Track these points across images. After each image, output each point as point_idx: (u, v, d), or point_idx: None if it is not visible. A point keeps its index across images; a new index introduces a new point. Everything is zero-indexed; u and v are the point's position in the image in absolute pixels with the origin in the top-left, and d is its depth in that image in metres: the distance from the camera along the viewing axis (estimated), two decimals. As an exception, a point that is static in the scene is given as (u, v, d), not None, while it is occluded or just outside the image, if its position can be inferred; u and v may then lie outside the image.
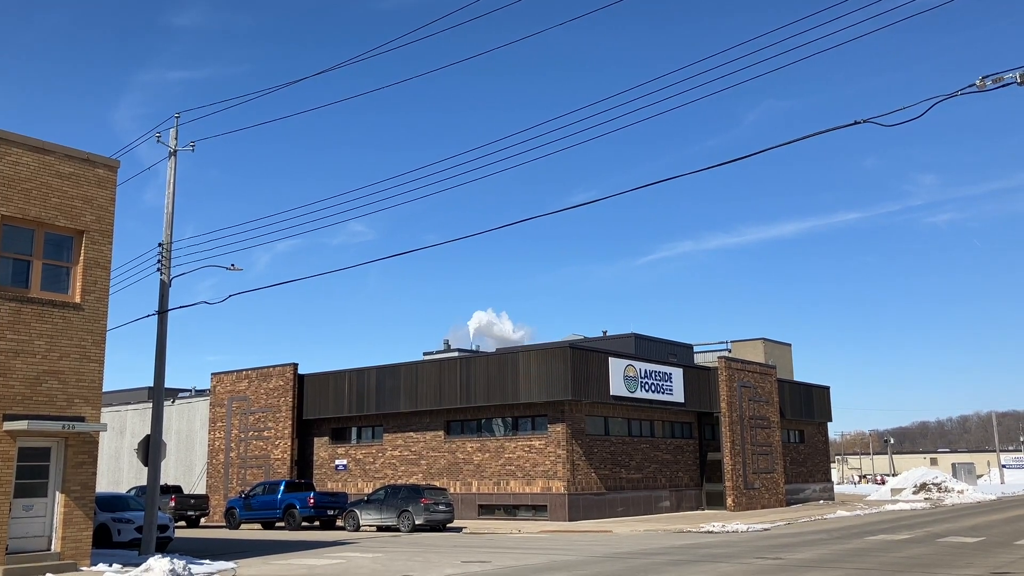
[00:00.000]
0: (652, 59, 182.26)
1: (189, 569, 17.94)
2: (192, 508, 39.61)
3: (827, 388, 58.35)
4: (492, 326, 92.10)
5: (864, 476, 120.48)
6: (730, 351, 59.79)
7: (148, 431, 24.19)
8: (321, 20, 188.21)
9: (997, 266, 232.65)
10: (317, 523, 36.26)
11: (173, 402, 49.87)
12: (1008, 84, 12.56)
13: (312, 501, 35.33)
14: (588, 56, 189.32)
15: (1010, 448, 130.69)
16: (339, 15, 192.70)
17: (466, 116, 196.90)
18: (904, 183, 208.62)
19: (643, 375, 39.91)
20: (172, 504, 37.80)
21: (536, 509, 36.40)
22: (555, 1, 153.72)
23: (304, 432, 44.92)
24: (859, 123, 14.18)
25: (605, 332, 50.36)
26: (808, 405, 55.42)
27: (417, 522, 31.75)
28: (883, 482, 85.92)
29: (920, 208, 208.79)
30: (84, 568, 18.34)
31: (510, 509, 37.27)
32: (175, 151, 24.69)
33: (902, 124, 13.37)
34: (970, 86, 12.84)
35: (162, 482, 32.46)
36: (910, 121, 13.47)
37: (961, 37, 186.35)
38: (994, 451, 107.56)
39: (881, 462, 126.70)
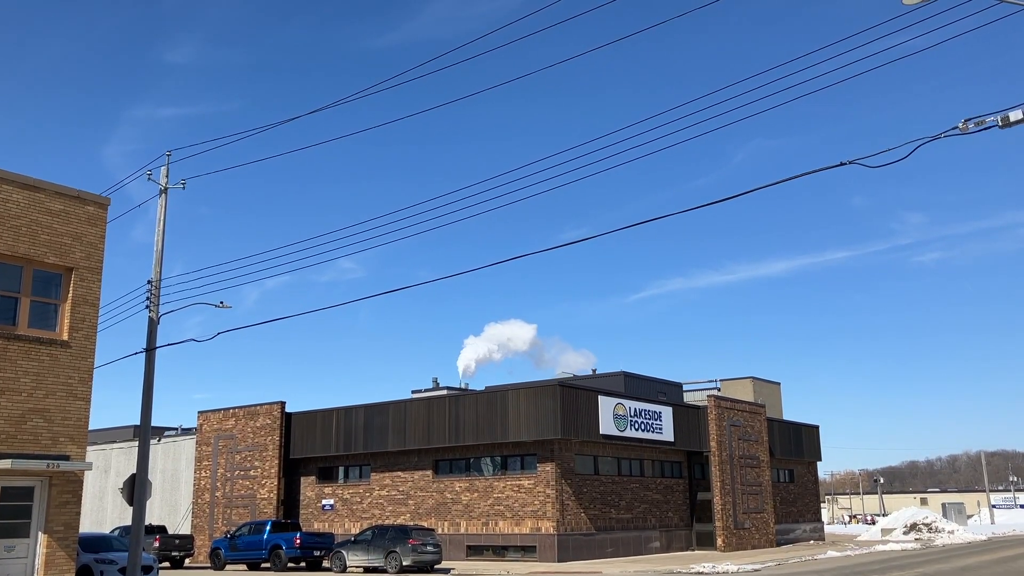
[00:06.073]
0: (642, 98, 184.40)
1: (173, 611, 17.68)
2: (177, 548, 39.02)
3: (816, 427, 58.31)
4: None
5: (854, 516, 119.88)
6: (719, 389, 59.73)
7: (133, 470, 23.95)
8: (313, 58, 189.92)
9: (985, 305, 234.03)
10: (303, 564, 35.79)
11: (159, 441, 49.38)
12: (990, 127, 12.73)
13: (299, 541, 34.90)
14: (576, 96, 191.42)
15: (1000, 488, 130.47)
16: (331, 53, 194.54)
17: (455, 153, 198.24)
18: (892, 222, 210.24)
19: (633, 414, 39.80)
20: (156, 544, 37.25)
21: (525, 550, 36.03)
22: (543, 39, 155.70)
23: (291, 471, 44.48)
24: (845, 164, 14.33)
25: (594, 370, 50.41)
26: (798, 444, 55.32)
27: (405, 563, 31.38)
28: (873, 522, 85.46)
29: (908, 247, 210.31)
30: (65, 610, 18.03)
31: (499, 550, 36.89)
32: (166, 189, 24.75)
33: (887, 165, 13.50)
34: (952, 129, 12.99)
35: (146, 522, 32.03)
36: (895, 163, 13.61)
37: (948, 78, 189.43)
38: (984, 491, 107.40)
39: (871, 502, 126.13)
